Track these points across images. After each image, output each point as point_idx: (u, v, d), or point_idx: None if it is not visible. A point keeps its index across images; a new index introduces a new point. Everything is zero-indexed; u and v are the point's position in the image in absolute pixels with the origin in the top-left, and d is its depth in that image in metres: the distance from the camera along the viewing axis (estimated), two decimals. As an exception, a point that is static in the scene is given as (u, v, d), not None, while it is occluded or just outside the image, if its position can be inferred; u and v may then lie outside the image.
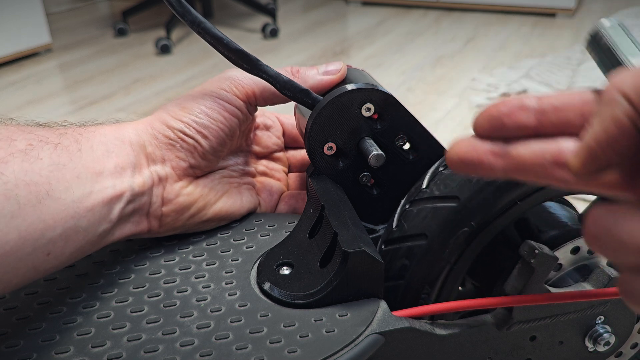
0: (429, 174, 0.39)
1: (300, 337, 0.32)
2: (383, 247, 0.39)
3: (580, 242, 0.40)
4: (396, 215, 0.39)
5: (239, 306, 0.34)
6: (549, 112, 0.26)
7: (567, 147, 0.26)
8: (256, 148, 0.46)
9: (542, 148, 0.26)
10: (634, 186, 0.24)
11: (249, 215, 0.43)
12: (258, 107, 0.43)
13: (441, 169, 0.39)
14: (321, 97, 0.40)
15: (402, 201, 0.40)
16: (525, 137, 0.27)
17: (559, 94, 0.27)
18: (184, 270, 0.37)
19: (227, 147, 0.41)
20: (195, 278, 0.37)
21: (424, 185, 0.39)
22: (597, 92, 0.26)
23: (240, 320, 0.33)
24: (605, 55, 0.26)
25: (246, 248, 0.39)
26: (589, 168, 0.23)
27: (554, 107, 0.26)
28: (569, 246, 0.40)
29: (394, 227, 0.39)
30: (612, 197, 0.25)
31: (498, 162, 0.27)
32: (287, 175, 0.48)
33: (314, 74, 0.41)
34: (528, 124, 0.27)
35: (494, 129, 0.27)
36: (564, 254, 0.39)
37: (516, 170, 0.27)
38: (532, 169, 0.27)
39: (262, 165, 0.46)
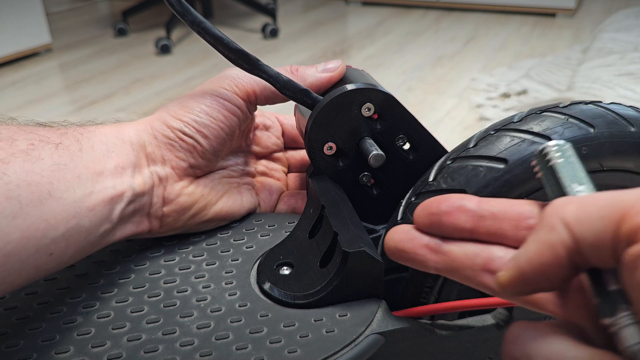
0: (436, 167, 0.39)
1: (300, 337, 0.32)
2: None
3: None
4: (401, 207, 0.39)
5: (239, 306, 0.34)
6: (486, 218, 0.26)
7: (498, 256, 0.26)
8: (256, 148, 0.46)
9: (474, 252, 0.26)
10: (561, 306, 0.24)
11: (249, 215, 0.43)
12: (258, 107, 0.43)
13: (449, 162, 0.39)
14: (321, 97, 0.40)
15: (408, 194, 0.39)
16: (461, 238, 0.27)
17: (500, 201, 0.27)
18: (184, 270, 0.37)
19: (226, 147, 0.41)
20: (195, 278, 0.37)
21: (430, 178, 0.38)
22: (539, 207, 0.26)
23: (240, 320, 0.33)
24: (551, 176, 0.26)
25: (246, 248, 0.39)
26: (516, 288, 0.22)
27: (491, 215, 0.26)
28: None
29: (398, 219, 0.38)
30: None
31: (432, 258, 0.28)
32: (286, 175, 0.48)
33: (313, 72, 0.41)
34: (464, 227, 0.27)
35: (431, 225, 0.28)
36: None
37: (447, 269, 0.28)
38: (463, 271, 0.27)
39: (262, 165, 0.46)
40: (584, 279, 0.22)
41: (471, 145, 0.38)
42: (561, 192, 0.25)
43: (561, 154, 0.26)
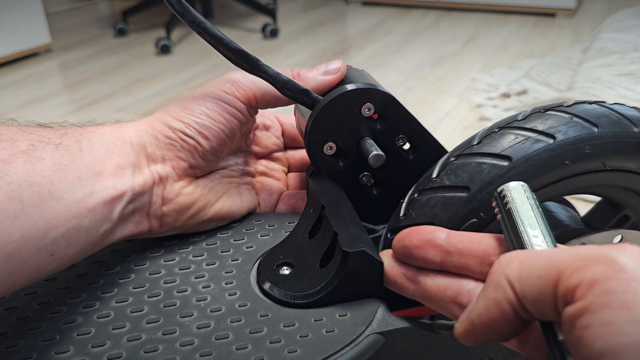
0: (439, 164, 0.39)
1: (300, 337, 0.32)
2: (389, 235, 0.39)
3: (580, 242, 0.40)
4: (404, 204, 0.39)
5: (239, 306, 0.34)
6: (453, 253, 0.29)
7: (466, 290, 0.28)
8: (256, 148, 0.46)
9: (445, 285, 0.29)
10: (522, 344, 0.26)
11: (249, 215, 0.43)
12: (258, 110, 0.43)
13: (452, 159, 0.38)
14: (321, 97, 0.40)
15: (411, 190, 0.39)
16: (433, 269, 0.30)
17: (468, 236, 0.29)
18: (184, 270, 0.37)
19: (227, 148, 0.41)
20: (195, 278, 0.37)
21: (434, 175, 0.38)
22: (500, 244, 0.28)
23: (240, 320, 0.33)
24: (508, 220, 0.27)
25: (246, 248, 0.39)
26: (470, 339, 0.25)
27: (457, 250, 0.29)
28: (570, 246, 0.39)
29: (401, 215, 0.38)
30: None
31: (409, 287, 0.31)
32: (286, 175, 0.48)
33: (314, 75, 0.41)
34: (434, 260, 0.29)
35: (405, 257, 0.31)
36: None
37: (423, 297, 0.31)
38: (436, 302, 0.30)
39: (262, 165, 0.46)
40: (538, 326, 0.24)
41: (475, 143, 0.38)
42: (517, 236, 0.27)
43: (518, 195, 0.28)
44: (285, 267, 0.37)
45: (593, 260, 0.21)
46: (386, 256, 0.33)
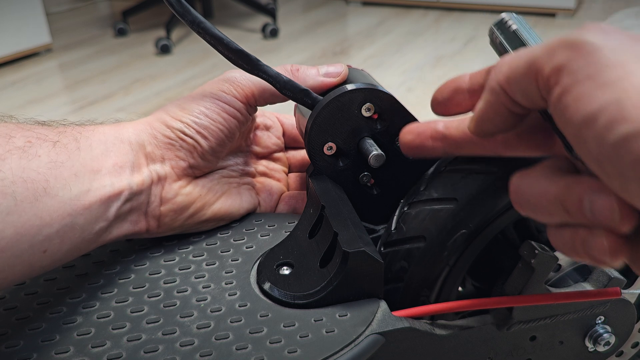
0: (427, 176, 0.39)
1: (300, 337, 0.32)
2: (382, 249, 0.39)
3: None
4: (395, 217, 0.39)
5: (239, 306, 0.34)
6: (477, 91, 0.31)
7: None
8: (256, 148, 0.46)
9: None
10: (549, 146, 0.29)
11: (249, 215, 0.43)
12: (258, 107, 0.43)
13: (441, 169, 0.39)
14: (321, 97, 0.40)
15: (401, 203, 0.40)
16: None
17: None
18: (184, 270, 0.37)
19: (226, 148, 0.41)
20: (195, 278, 0.37)
21: (422, 187, 0.39)
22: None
23: (240, 320, 0.33)
24: (515, 40, 0.30)
25: (246, 248, 0.39)
26: (480, 132, 0.28)
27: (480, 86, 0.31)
28: (569, 246, 0.39)
29: (392, 229, 0.39)
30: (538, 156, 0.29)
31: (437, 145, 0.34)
32: (287, 175, 0.48)
33: (314, 74, 0.41)
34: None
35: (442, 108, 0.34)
36: (563, 254, 0.39)
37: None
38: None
39: (262, 165, 0.46)
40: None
41: None
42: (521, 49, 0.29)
43: (518, 22, 0.30)
44: (285, 267, 0.37)
45: (558, 47, 0.23)
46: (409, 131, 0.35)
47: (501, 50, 0.31)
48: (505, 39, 0.30)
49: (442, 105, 0.33)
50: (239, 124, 0.40)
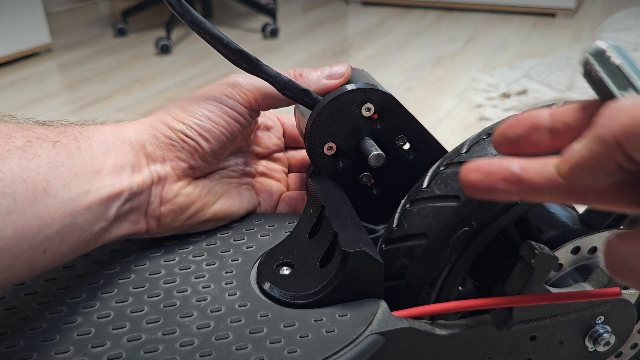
0: (429, 174, 0.39)
1: (300, 337, 0.32)
2: (383, 246, 0.39)
3: (580, 242, 0.40)
4: (396, 214, 0.39)
5: (239, 306, 0.34)
6: (561, 130, 0.27)
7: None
8: (256, 148, 0.46)
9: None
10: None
11: (249, 215, 0.43)
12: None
13: (442, 168, 0.39)
14: (321, 97, 0.40)
15: (403, 201, 0.40)
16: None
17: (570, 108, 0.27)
18: (184, 270, 0.37)
19: (227, 151, 0.41)
20: (195, 278, 0.37)
21: (424, 185, 0.38)
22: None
23: (240, 321, 0.33)
24: (617, 74, 0.26)
25: (246, 248, 0.39)
26: (574, 180, 0.24)
27: (565, 125, 0.27)
28: (569, 246, 0.39)
29: (394, 226, 0.39)
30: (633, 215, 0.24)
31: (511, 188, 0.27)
32: (287, 175, 0.48)
33: (317, 78, 0.41)
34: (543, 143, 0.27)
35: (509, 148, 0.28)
36: (564, 254, 0.39)
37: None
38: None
39: (262, 165, 0.46)
40: None
41: (464, 151, 0.38)
42: (628, 88, 0.25)
43: (619, 53, 0.26)
44: (285, 267, 0.37)
45: None
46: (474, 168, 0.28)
47: (601, 89, 0.26)
48: (609, 75, 0.26)
49: (513, 143, 0.28)
50: (241, 127, 0.40)
